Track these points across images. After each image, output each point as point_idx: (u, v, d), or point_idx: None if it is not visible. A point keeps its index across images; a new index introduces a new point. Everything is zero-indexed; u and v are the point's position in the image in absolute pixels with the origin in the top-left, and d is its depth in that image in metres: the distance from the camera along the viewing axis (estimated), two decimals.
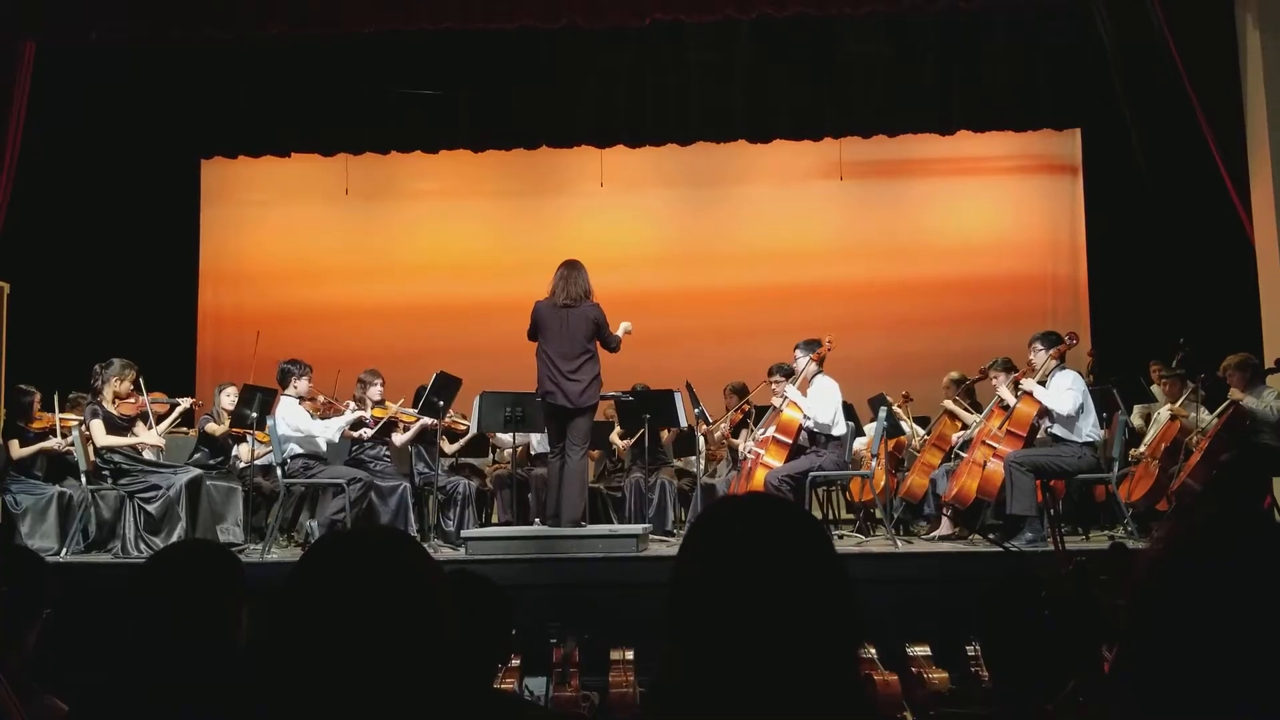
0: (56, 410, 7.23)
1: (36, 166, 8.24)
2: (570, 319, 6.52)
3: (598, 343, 6.57)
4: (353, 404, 7.31)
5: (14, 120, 7.69)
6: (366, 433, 7.20)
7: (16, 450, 7.16)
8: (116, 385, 6.99)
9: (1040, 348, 6.76)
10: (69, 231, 9.47)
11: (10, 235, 8.27)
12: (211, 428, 7.62)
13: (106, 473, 6.91)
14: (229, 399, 7.62)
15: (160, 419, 7.24)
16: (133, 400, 7.05)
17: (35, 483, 7.13)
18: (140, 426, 7.06)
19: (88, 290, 9.48)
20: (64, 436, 7.23)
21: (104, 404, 6.94)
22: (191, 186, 10.44)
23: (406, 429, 7.45)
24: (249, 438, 7.34)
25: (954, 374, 8.03)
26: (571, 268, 6.64)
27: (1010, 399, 6.80)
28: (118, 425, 6.94)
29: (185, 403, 7.35)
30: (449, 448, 8.08)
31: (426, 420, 7.36)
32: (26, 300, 8.38)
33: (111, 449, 6.87)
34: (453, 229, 10.69)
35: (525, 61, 9.51)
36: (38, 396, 7.29)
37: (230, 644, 1.97)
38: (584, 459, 6.72)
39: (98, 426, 6.83)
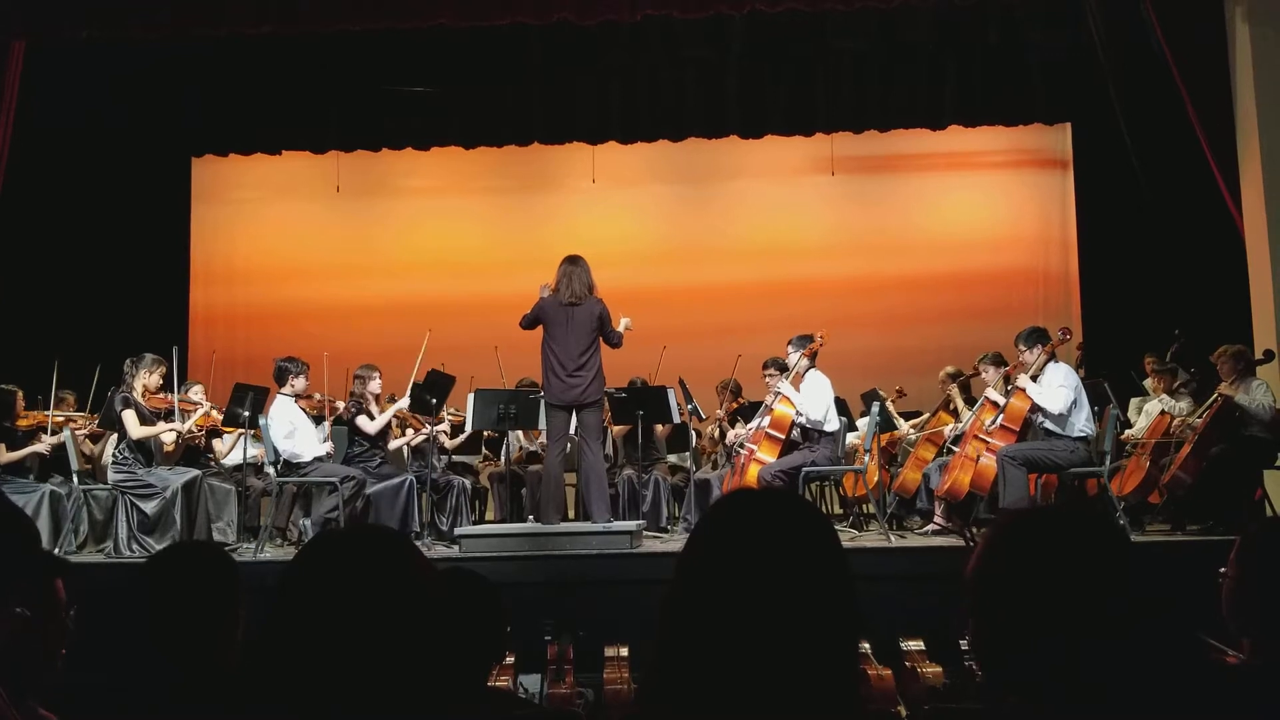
0: (50, 407, 7.21)
1: (27, 165, 8.22)
2: (575, 316, 6.54)
3: (600, 339, 6.61)
4: (341, 406, 7.29)
5: (3, 119, 7.66)
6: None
7: (4, 454, 7.10)
8: (146, 379, 6.94)
9: (1024, 347, 6.75)
10: (59, 230, 9.43)
11: (1, 234, 8.25)
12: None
13: (129, 463, 6.77)
14: (196, 396, 7.56)
15: (186, 418, 7.12)
16: (161, 396, 7.02)
17: (25, 482, 7.08)
18: (162, 424, 6.99)
19: (78, 289, 9.46)
20: (53, 434, 7.20)
21: (134, 395, 6.87)
22: (182, 184, 10.41)
23: (402, 431, 7.46)
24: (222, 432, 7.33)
25: (949, 369, 8.05)
26: (573, 264, 6.66)
27: (999, 399, 6.82)
28: (147, 418, 6.88)
29: (207, 405, 7.30)
30: (449, 443, 8.10)
31: (428, 427, 7.42)
32: (16, 298, 8.35)
33: (142, 441, 6.82)
34: (444, 226, 10.67)
35: (517, 58, 9.49)
36: (20, 394, 7.25)
37: (227, 645, 1.97)
38: (600, 455, 6.76)
39: (130, 417, 6.76)
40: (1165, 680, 1.28)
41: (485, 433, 8.32)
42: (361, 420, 7.17)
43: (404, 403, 7.32)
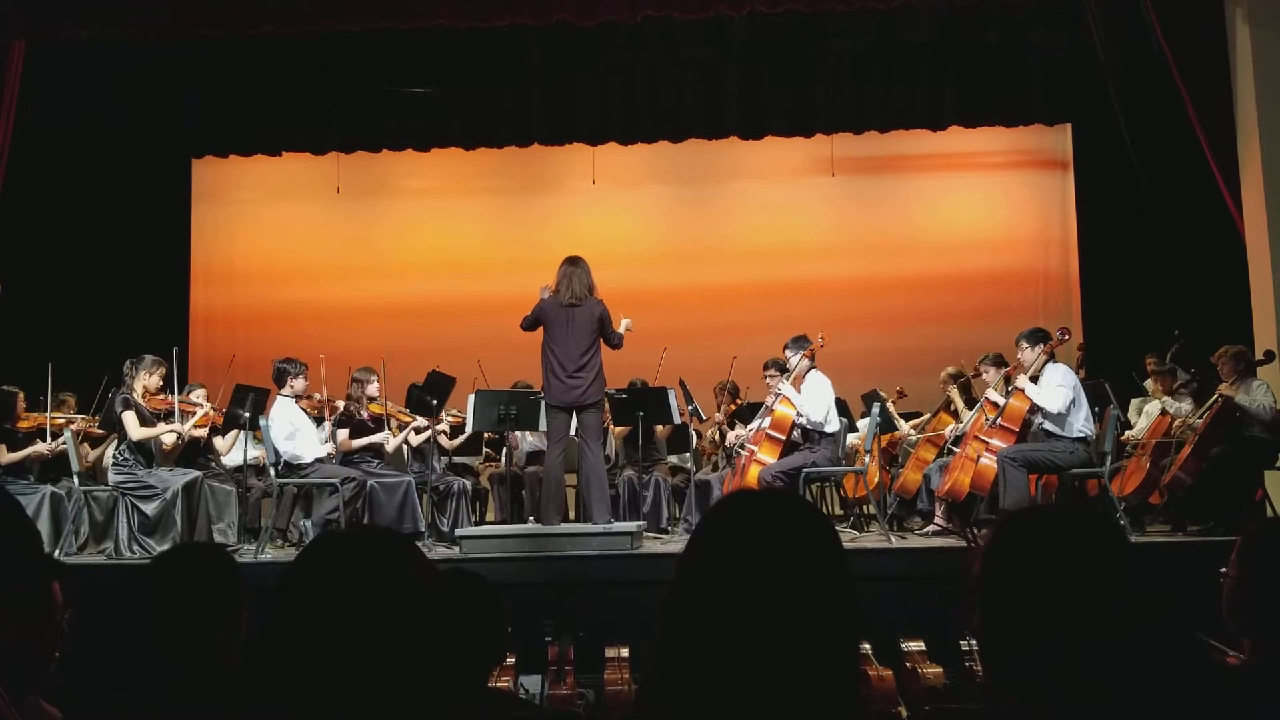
0: (48, 409, 7.21)
1: (27, 165, 8.22)
2: (575, 317, 6.54)
3: (601, 340, 6.61)
4: (342, 405, 7.29)
5: (4, 119, 7.67)
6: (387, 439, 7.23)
7: (4, 455, 7.09)
8: (146, 380, 6.92)
9: (1026, 346, 6.77)
10: (60, 231, 9.44)
11: (1, 234, 8.25)
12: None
13: (129, 464, 6.74)
14: (197, 398, 7.53)
15: (186, 419, 7.07)
16: (161, 397, 7.01)
17: (25, 483, 7.06)
18: (163, 425, 6.97)
19: (79, 290, 9.46)
20: (54, 437, 7.20)
21: (134, 397, 6.85)
22: (183, 185, 10.42)
23: (402, 429, 7.46)
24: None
25: (950, 369, 8.06)
26: (574, 265, 6.66)
27: (999, 400, 6.83)
28: (147, 419, 6.86)
29: (207, 406, 7.28)
30: (448, 444, 8.10)
31: (421, 423, 7.41)
32: (17, 300, 8.35)
33: (142, 442, 6.80)
34: (444, 227, 10.68)
35: (517, 58, 9.50)
36: (21, 396, 7.24)
37: (229, 645, 1.98)
38: (601, 456, 6.76)
39: (131, 419, 6.73)
40: (1165, 680, 1.28)
41: (485, 434, 8.33)
42: (341, 434, 7.18)
43: (381, 437, 7.28)
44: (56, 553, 6.65)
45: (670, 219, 10.62)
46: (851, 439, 7.75)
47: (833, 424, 7.02)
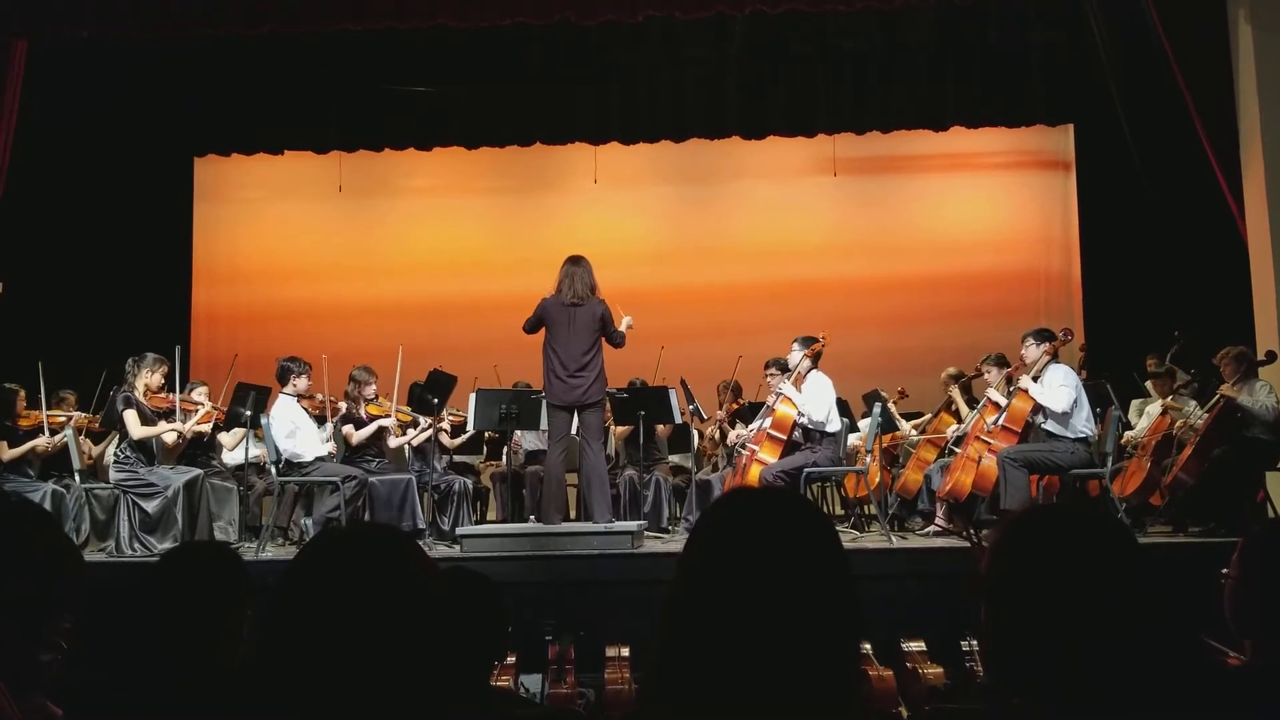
0: (44, 408, 7.21)
1: (30, 165, 8.22)
2: (577, 316, 6.54)
3: (603, 339, 6.61)
4: (344, 407, 7.30)
5: (6, 119, 7.67)
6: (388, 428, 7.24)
7: (6, 451, 7.10)
8: (148, 378, 6.93)
9: (1032, 343, 6.78)
10: (62, 230, 9.44)
11: (3, 233, 8.26)
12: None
13: (130, 462, 6.75)
14: (199, 397, 7.53)
15: (187, 418, 7.08)
16: (163, 395, 7.00)
17: (26, 481, 7.07)
18: (164, 423, 6.97)
19: (81, 288, 9.47)
20: (53, 434, 7.21)
21: (135, 395, 6.85)
22: (185, 184, 10.42)
23: (403, 430, 7.46)
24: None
25: (951, 369, 8.05)
26: (576, 264, 6.66)
27: (1001, 400, 6.82)
28: (149, 418, 6.87)
29: (208, 405, 7.28)
30: (449, 443, 8.10)
31: (425, 423, 7.42)
32: (19, 299, 8.35)
33: (144, 440, 6.80)
34: (446, 226, 10.68)
35: (517, 58, 9.50)
36: (22, 393, 7.25)
37: (232, 644, 1.98)
38: (602, 455, 6.77)
39: (132, 417, 6.74)
40: (1165, 680, 1.28)
41: (486, 434, 8.33)
42: (347, 429, 7.19)
43: (388, 421, 7.31)
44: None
45: (672, 218, 10.62)
46: (853, 439, 7.75)
47: (834, 424, 7.01)
